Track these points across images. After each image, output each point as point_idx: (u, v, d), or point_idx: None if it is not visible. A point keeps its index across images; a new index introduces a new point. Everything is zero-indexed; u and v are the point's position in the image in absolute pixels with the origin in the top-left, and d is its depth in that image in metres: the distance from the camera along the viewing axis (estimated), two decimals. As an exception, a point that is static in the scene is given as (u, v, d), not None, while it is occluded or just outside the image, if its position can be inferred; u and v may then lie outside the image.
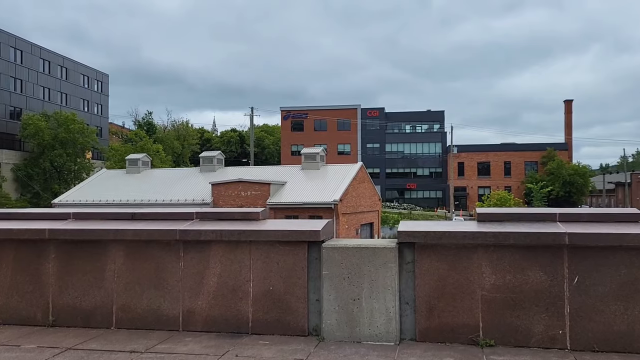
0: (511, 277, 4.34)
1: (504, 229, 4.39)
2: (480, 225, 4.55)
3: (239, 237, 4.75)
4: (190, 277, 4.86)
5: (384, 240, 4.79)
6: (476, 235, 4.35)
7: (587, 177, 78.49)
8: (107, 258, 5.05)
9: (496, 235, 4.34)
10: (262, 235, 4.72)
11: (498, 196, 58.85)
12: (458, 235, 4.38)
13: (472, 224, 4.64)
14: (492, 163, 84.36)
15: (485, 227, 4.47)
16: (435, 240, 4.42)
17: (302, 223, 4.99)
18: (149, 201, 46.92)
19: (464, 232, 4.38)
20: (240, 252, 4.78)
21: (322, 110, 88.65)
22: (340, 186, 45.56)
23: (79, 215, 5.28)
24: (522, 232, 4.30)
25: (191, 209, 5.26)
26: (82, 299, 5.06)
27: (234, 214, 5.13)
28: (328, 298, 4.55)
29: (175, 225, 4.93)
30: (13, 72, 61.90)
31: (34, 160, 59.69)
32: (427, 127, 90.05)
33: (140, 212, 5.25)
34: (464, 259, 4.41)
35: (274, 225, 4.86)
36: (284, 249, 4.71)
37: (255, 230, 4.73)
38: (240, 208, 4.98)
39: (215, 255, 4.83)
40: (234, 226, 4.85)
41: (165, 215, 5.25)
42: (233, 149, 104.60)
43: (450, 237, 4.40)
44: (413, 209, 78.55)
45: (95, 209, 5.44)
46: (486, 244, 4.37)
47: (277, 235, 4.70)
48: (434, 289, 4.45)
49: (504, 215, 4.72)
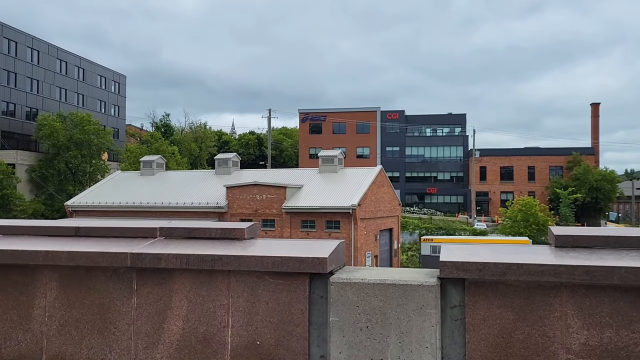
0: (613, 333, 2.89)
1: (602, 262, 2.94)
2: (562, 254, 3.11)
3: (214, 265, 3.38)
4: (146, 320, 3.50)
5: (420, 273, 3.38)
6: (559, 270, 2.92)
7: (614, 183, 76.01)
8: (35, 290, 3.71)
9: (590, 271, 2.89)
10: (245, 262, 3.34)
11: (523, 202, 56.89)
12: (532, 270, 2.95)
13: (547, 252, 3.21)
14: (516, 168, 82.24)
15: (570, 257, 3.03)
16: (497, 275, 3.00)
17: (303, 245, 3.60)
18: (162, 204, 45.95)
19: (541, 266, 2.94)
20: (215, 286, 3.42)
21: (341, 112, 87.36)
22: (359, 190, 44.14)
23: (4, 229, 3.94)
24: (633, 267, 2.85)
25: (154, 223, 3.90)
26: (0, 345, 3.70)
27: (210, 231, 3.76)
28: (338, 356, 3.16)
29: (126, 247, 3.57)
30: (30, 72, 61.62)
31: (49, 161, 59.25)
32: (448, 130, 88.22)
33: (87, 227, 3.91)
34: (539, 305, 2.99)
35: (263, 249, 3.48)
36: (276, 282, 3.33)
37: (236, 256, 3.35)
38: (220, 223, 3.43)
39: (181, 290, 3.47)
40: (207, 249, 3.48)
41: (118, 231, 3.89)
42: (251, 151, 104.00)
43: (521, 272, 2.97)
44: (433, 214, 76.76)
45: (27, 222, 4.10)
46: (574, 283, 2.94)
47: (266, 264, 3.32)
48: (493, 347, 3.02)
49: (596, 239, 3.26)
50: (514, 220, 58.32)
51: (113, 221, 4.11)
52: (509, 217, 60.00)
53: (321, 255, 3.23)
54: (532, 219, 56.75)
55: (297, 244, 3.65)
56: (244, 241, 3.66)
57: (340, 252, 3.52)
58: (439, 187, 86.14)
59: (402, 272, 3.35)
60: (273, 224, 44.78)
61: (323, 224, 43.43)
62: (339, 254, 3.49)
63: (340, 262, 3.51)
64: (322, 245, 3.48)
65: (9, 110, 58.69)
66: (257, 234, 3.86)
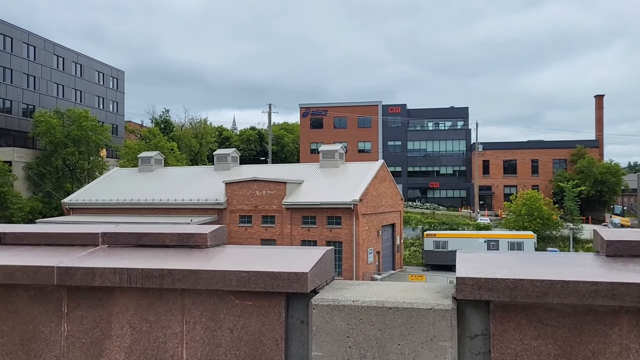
0: (694, 376, 2.14)
1: (678, 278, 2.18)
2: (618, 267, 2.36)
3: (163, 283, 2.64)
4: (80, 352, 2.76)
5: (430, 291, 2.63)
6: (619, 291, 2.18)
7: (619, 176, 75.10)
8: (-57, 313, 2.95)
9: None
10: (203, 279, 2.60)
11: (527, 196, 56.04)
12: (582, 289, 2.21)
13: (598, 264, 2.46)
14: (519, 161, 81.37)
15: (631, 272, 2.28)
16: (535, 296, 2.25)
17: (280, 255, 2.87)
18: (160, 200, 45.21)
19: (594, 284, 2.19)
20: (165, 310, 2.68)
21: (342, 107, 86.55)
22: (360, 185, 43.37)
23: None
24: None
25: (98, 228, 3.14)
26: None
27: (164, 237, 3.01)
28: (322, 403, 2.42)
29: (56, 259, 2.82)
30: (26, 68, 60.83)
31: (46, 158, 58.53)
32: (450, 124, 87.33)
33: (14, 232, 3.15)
34: (591, 337, 2.24)
35: (228, 260, 2.75)
36: (243, 304, 2.59)
37: (191, 271, 2.61)
38: (178, 229, 2.54)
39: (122, 314, 2.73)
40: (156, 261, 2.74)
41: (52, 238, 3.14)
42: (252, 147, 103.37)
43: (566, 293, 2.22)
44: (436, 208, 75.99)
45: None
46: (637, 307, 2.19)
47: (229, 280, 2.58)
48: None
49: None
50: (518, 215, 57.44)
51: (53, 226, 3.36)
52: (513, 211, 59.12)
53: (300, 270, 2.48)
54: (537, 213, 55.87)
55: (272, 253, 2.90)
56: (206, 250, 2.91)
57: (327, 264, 2.77)
58: (442, 181, 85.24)
59: (408, 290, 2.59)
60: (273, 221, 44.04)
61: (324, 220, 42.66)
62: (325, 266, 2.73)
63: (327, 276, 2.76)
64: (304, 255, 2.74)
65: (5, 107, 57.95)
66: (224, 240, 3.10)
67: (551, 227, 57.54)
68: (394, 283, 2.80)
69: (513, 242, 49.93)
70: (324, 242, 42.70)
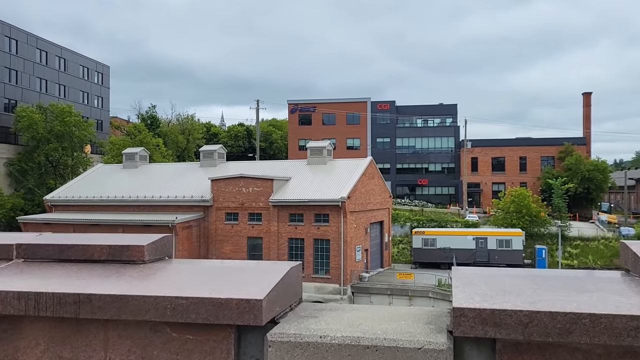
0: None
1: None
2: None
3: (79, 311, 2.10)
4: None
5: (419, 319, 2.10)
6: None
7: (606, 173, 75.29)
8: None
9: None
10: (130, 307, 2.06)
11: (515, 193, 55.90)
12: (617, 326, 1.69)
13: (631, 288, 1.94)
14: (507, 158, 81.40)
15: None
16: (554, 334, 1.74)
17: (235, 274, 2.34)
18: (145, 197, 44.45)
19: (633, 318, 1.68)
20: (84, 344, 2.14)
21: (331, 103, 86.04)
22: (349, 182, 42.91)
23: None
24: None
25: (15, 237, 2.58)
26: None
27: (92, 250, 2.47)
28: None
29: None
30: (8, 62, 59.62)
31: (29, 154, 57.42)
32: (439, 121, 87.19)
33: None
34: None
35: (164, 283, 2.20)
36: (182, 339, 2.06)
37: (117, 297, 2.07)
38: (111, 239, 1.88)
39: (32, 350, 2.19)
40: (76, 282, 2.20)
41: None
42: (240, 143, 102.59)
43: (597, 329, 1.70)
44: (425, 205, 75.75)
45: None
46: (691, 348, 1.68)
47: (163, 309, 2.04)
48: None
49: None
50: (506, 212, 57.30)
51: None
52: (501, 209, 58.96)
53: (253, 297, 1.95)
54: (525, 210, 55.74)
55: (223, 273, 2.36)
56: (142, 266, 2.36)
57: (292, 284, 2.24)
58: (430, 178, 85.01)
59: (392, 320, 2.06)
60: (260, 218, 43.43)
61: (312, 218, 42.13)
62: (289, 288, 2.20)
63: (292, 300, 2.23)
64: (262, 275, 2.21)
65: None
66: (169, 254, 2.55)
67: (539, 225, 57.46)
68: (374, 308, 2.26)
69: (501, 239, 49.75)
70: (311, 240, 42.18)
